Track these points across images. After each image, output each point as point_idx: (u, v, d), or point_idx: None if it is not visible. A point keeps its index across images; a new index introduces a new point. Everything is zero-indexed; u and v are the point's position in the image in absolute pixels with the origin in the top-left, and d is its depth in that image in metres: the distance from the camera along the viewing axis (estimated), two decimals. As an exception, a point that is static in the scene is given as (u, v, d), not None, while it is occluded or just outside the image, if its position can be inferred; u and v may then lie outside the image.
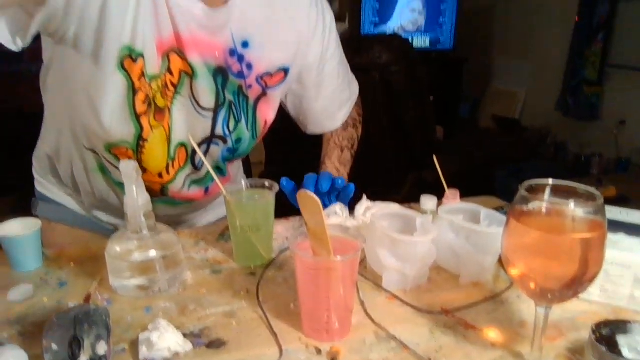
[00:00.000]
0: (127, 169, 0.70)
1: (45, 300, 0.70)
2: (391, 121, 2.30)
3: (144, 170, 0.86)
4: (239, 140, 0.94)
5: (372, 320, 0.66)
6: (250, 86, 0.91)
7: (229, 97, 0.89)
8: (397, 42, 3.14)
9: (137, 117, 0.82)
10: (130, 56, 0.78)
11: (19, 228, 0.79)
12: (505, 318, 0.67)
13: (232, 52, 0.86)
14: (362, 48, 3.47)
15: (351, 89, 1.11)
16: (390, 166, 2.23)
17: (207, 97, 0.87)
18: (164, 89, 0.83)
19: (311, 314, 0.62)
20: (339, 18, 3.76)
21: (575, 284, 0.52)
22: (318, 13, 0.96)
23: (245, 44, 0.87)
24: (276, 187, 0.83)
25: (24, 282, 0.74)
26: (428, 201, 0.93)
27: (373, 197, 0.95)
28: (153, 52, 0.80)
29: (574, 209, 0.51)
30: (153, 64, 0.80)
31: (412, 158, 2.14)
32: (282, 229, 0.93)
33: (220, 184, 0.81)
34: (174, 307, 0.69)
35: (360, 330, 0.64)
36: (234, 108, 0.90)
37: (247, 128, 0.94)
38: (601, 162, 3.15)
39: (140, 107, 0.82)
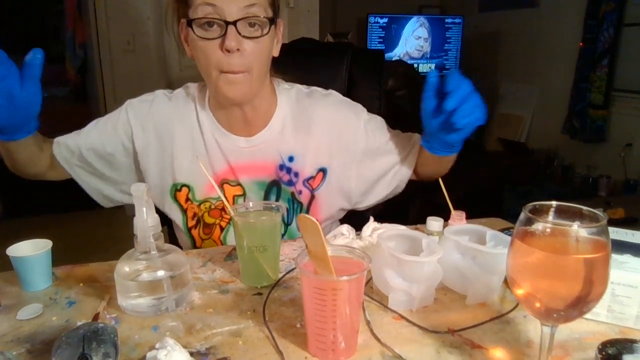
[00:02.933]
0: (138, 191, 0.71)
1: (54, 319, 0.71)
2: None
3: None
4: None
5: (378, 340, 0.66)
6: (300, 192, 1.07)
7: (283, 204, 1.03)
8: (402, 68, 3.17)
9: (188, 230, 1.07)
10: (176, 188, 1.05)
11: (29, 249, 0.80)
12: (512, 338, 0.67)
13: (281, 167, 1.05)
14: (368, 73, 3.50)
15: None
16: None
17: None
18: (220, 212, 1.05)
19: (317, 333, 0.62)
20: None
21: (580, 304, 0.52)
22: (342, 112, 1.07)
23: (291, 159, 1.05)
24: (283, 209, 0.84)
25: (34, 301, 0.75)
26: (434, 223, 0.93)
27: (380, 219, 0.96)
28: (202, 183, 1.04)
29: (578, 230, 0.51)
30: (202, 191, 1.05)
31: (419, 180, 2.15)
32: (289, 250, 0.94)
33: (227, 204, 0.82)
34: (181, 326, 0.69)
35: (367, 350, 0.64)
36: (285, 212, 1.02)
37: (298, 230, 1.06)
38: (609, 184, 3.14)
39: (190, 222, 1.07)
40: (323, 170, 1.07)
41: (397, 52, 4.29)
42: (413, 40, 4.30)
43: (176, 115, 1.04)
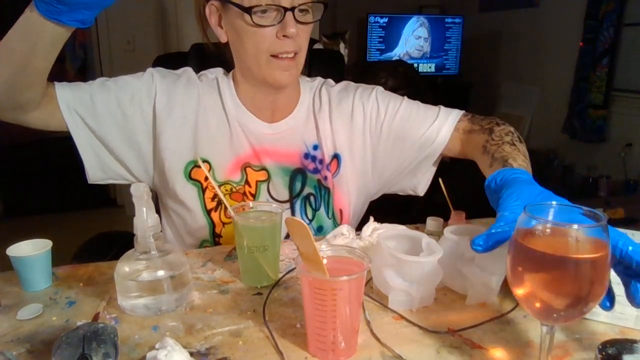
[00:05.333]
0: (138, 191, 0.71)
1: (54, 319, 0.71)
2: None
3: None
4: (320, 228, 1.06)
5: (378, 340, 0.66)
6: (326, 177, 1.06)
7: (309, 190, 1.05)
8: (402, 68, 3.17)
9: (207, 213, 1.00)
10: (195, 165, 0.98)
11: (29, 249, 0.80)
12: (512, 338, 0.67)
13: (306, 156, 1.05)
14: (368, 74, 3.51)
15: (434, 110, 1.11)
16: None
17: (281, 191, 1.03)
18: (242, 196, 1.00)
19: (317, 334, 0.62)
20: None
21: (580, 304, 0.52)
22: (356, 99, 1.07)
23: (315, 147, 1.06)
24: (283, 209, 0.84)
25: (34, 301, 0.75)
26: (434, 223, 0.93)
27: (381, 219, 0.96)
28: (222, 163, 1.00)
29: (578, 230, 0.51)
30: (222, 171, 1.00)
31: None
32: (289, 250, 0.94)
33: (227, 204, 0.82)
34: (181, 326, 0.69)
35: (367, 350, 0.64)
36: (312, 199, 1.05)
37: (328, 216, 1.06)
38: (609, 184, 3.13)
39: (210, 204, 1.00)
40: (337, 157, 1.07)
41: (397, 52, 4.29)
42: (413, 40, 4.30)
43: (202, 91, 1.02)
